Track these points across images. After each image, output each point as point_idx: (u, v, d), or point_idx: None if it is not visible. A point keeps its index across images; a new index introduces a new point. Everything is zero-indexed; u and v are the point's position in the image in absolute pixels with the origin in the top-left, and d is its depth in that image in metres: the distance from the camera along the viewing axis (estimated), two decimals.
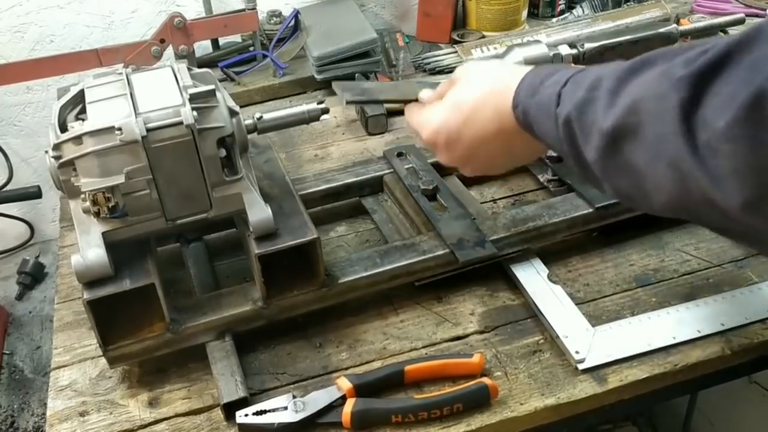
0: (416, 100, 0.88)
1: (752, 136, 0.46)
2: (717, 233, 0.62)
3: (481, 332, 0.93)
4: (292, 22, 1.59)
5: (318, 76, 1.49)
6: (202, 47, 1.60)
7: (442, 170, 1.13)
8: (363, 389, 0.83)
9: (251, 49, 1.59)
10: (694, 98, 0.50)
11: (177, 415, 0.85)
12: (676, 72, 0.52)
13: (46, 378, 1.22)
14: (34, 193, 1.71)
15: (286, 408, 0.81)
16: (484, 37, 1.67)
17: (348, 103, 0.89)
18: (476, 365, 0.85)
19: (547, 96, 0.67)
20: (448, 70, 1.56)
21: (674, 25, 1.07)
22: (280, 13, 1.65)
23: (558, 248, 1.03)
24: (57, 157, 0.80)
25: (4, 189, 1.75)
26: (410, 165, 1.12)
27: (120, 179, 0.78)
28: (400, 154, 1.15)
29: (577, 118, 0.62)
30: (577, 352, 0.87)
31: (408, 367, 0.85)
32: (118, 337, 0.85)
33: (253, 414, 0.81)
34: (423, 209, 1.03)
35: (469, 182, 1.17)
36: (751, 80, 0.46)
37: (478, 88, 0.78)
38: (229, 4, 1.70)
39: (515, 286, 0.99)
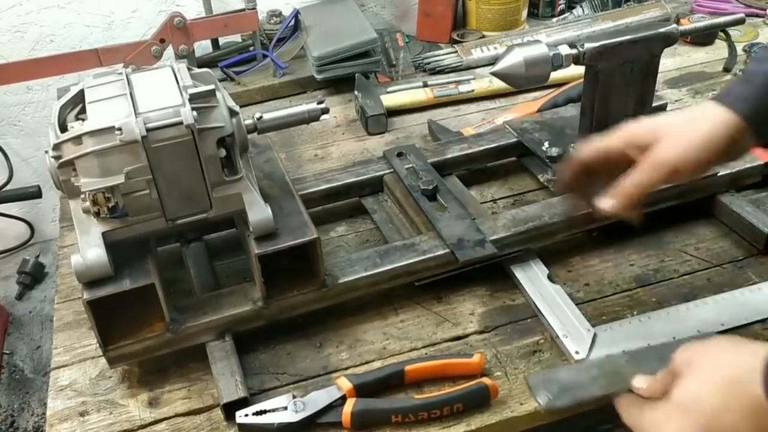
0: (629, 391, 0.73)
1: None
2: None
3: (481, 332, 0.93)
4: (292, 22, 1.59)
5: (318, 76, 1.49)
6: (202, 47, 1.60)
7: (442, 170, 1.13)
8: (363, 389, 0.83)
9: (251, 49, 1.59)
10: None
11: (177, 415, 0.85)
12: None
13: (46, 378, 1.22)
14: (34, 193, 1.71)
15: (286, 408, 0.81)
16: (484, 37, 1.67)
17: (547, 410, 0.79)
18: (476, 365, 0.85)
19: None
20: (449, 69, 1.56)
21: (674, 25, 1.07)
22: (280, 13, 1.65)
23: (558, 248, 1.03)
24: (57, 157, 0.80)
25: (4, 189, 1.75)
26: (410, 165, 1.12)
27: (120, 179, 0.78)
28: (400, 154, 1.15)
29: None
30: (577, 352, 0.86)
31: (408, 367, 0.84)
32: (118, 337, 0.85)
33: (253, 414, 0.81)
34: (423, 209, 1.03)
35: (469, 182, 1.17)
36: None
37: (714, 385, 0.63)
38: (229, 4, 1.70)
39: (515, 286, 0.99)
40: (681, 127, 0.77)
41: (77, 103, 0.87)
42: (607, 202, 0.80)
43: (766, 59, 0.77)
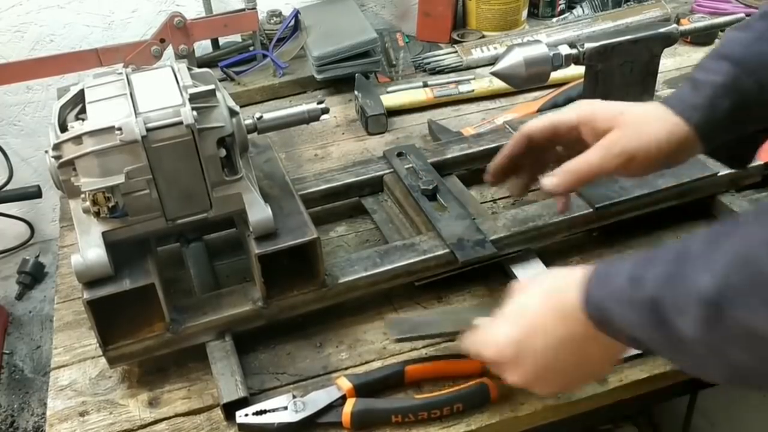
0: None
1: None
2: None
3: None
4: (292, 22, 1.59)
5: (318, 76, 1.49)
6: (202, 47, 1.60)
7: (442, 170, 1.13)
8: (363, 389, 0.83)
9: (251, 48, 1.59)
10: None
11: (177, 415, 0.85)
12: None
13: (46, 378, 1.22)
14: (34, 193, 1.71)
15: (286, 408, 0.81)
16: (484, 37, 1.67)
17: (397, 340, 0.87)
18: (476, 365, 0.85)
19: (620, 283, 0.59)
20: (449, 69, 1.56)
21: (674, 25, 1.07)
22: (280, 12, 1.65)
23: (558, 248, 1.03)
24: (57, 157, 0.80)
25: (4, 189, 1.75)
26: (410, 165, 1.12)
27: (120, 179, 0.78)
28: (400, 154, 1.15)
29: (665, 295, 0.55)
30: None
31: (408, 367, 0.85)
32: (118, 337, 0.85)
33: (253, 414, 0.81)
34: (423, 209, 1.03)
35: (469, 182, 1.17)
36: None
37: (537, 294, 0.70)
38: (229, 4, 1.70)
39: None
40: (639, 121, 0.78)
41: (77, 103, 0.87)
42: (550, 180, 0.81)
43: (709, 68, 0.78)
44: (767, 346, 0.49)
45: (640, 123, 0.78)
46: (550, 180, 0.81)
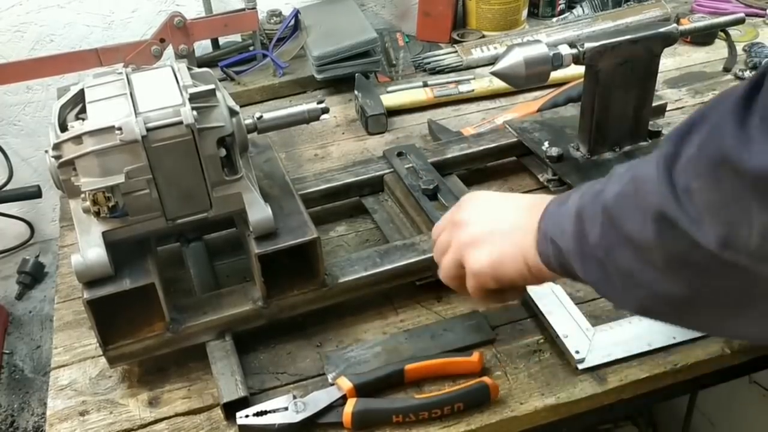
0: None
1: (707, 174, 0.49)
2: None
3: None
4: (292, 22, 1.59)
5: (318, 76, 1.49)
6: (202, 47, 1.60)
7: (442, 170, 1.13)
8: (363, 389, 0.83)
9: (251, 48, 1.59)
10: (675, 152, 0.53)
11: (177, 415, 0.85)
12: (665, 139, 0.56)
13: (46, 378, 1.22)
14: (34, 193, 1.71)
15: (286, 408, 0.81)
16: (484, 36, 1.67)
17: (333, 377, 0.87)
18: (475, 363, 0.85)
19: (572, 199, 0.67)
20: (449, 69, 1.56)
21: (674, 25, 1.07)
22: (280, 12, 1.65)
23: None
24: (57, 157, 0.80)
25: (4, 189, 1.75)
26: (410, 164, 1.12)
27: (120, 179, 0.78)
28: (400, 154, 1.15)
29: (587, 206, 0.63)
30: (577, 352, 0.87)
31: (408, 366, 0.84)
32: (118, 336, 0.85)
33: (254, 415, 0.81)
34: (423, 209, 1.03)
35: (469, 182, 1.17)
36: (707, 121, 0.50)
37: (522, 195, 0.79)
38: (229, 4, 1.70)
39: None
40: None
41: (77, 103, 0.87)
42: None
43: None
44: (641, 251, 0.57)
45: None
46: None
